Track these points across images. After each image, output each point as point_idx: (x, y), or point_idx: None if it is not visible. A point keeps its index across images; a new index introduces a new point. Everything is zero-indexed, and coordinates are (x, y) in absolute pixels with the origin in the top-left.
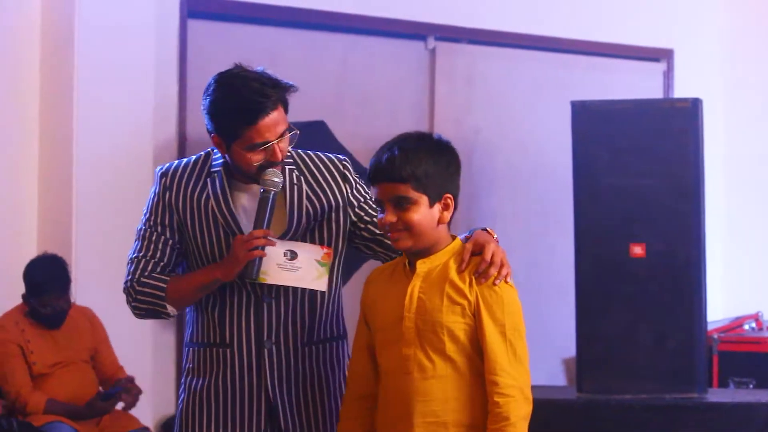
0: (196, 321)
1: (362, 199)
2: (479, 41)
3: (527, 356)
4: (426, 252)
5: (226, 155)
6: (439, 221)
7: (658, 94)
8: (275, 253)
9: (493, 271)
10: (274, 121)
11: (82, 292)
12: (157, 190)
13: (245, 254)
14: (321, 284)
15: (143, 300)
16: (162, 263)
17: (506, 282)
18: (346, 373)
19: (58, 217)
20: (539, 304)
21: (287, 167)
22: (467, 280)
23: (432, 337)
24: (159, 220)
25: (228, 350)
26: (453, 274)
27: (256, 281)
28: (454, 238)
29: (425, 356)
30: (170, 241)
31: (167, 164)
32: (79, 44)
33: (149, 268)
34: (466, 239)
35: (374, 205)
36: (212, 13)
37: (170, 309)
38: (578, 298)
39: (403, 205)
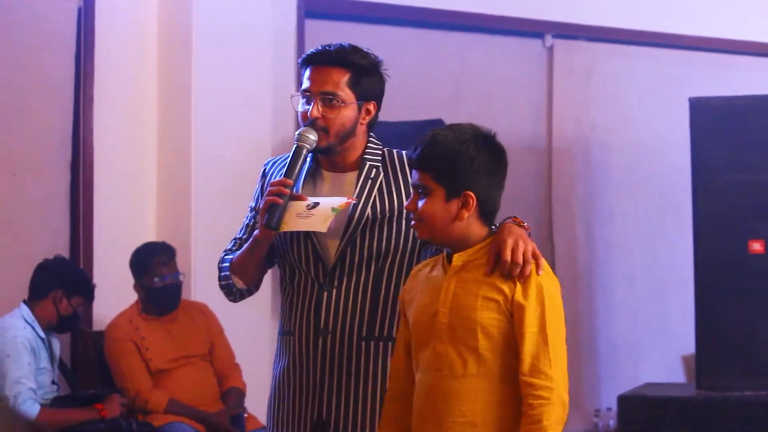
0: (281, 312)
1: None
2: (597, 38)
3: (566, 358)
4: (459, 246)
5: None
6: (457, 218)
7: None
8: (299, 204)
9: (516, 270)
10: (323, 74)
11: (200, 290)
12: (259, 179)
13: (265, 202)
14: (323, 226)
15: (221, 277)
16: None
17: (537, 274)
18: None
19: (176, 217)
20: (658, 300)
21: (369, 163)
22: (497, 275)
23: (465, 333)
24: (255, 205)
25: (291, 338)
26: (484, 274)
27: (277, 230)
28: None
29: (457, 354)
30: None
31: (273, 157)
32: (197, 45)
33: (235, 248)
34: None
35: None
36: (329, 13)
37: (236, 281)
38: (697, 295)
39: (421, 193)
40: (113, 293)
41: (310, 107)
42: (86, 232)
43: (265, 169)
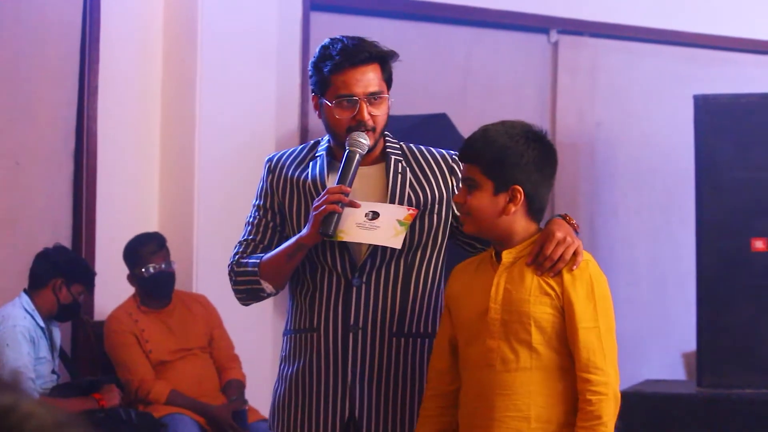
0: (292, 309)
1: None
2: (602, 34)
3: (616, 351)
4: (506, 242)
5: (322, 119)
6: (504, 212)
7: None
8: (357, 213)
9: (547, 264)
10: (363, 75)
11: (202, 281)
12: (263, 176)
13: (321, 210)
14: (396, 242)
15: (241, 281)
16: (262, 245)
17: (570, 271)
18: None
19: (179, 208)
20: (660, 297)
21: (393, 157)
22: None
23: (518, 328)
24: (262, 203)
25: (315, 334)
26: (526, 264)
27: (333, 238)
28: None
29: (509, 348)
30: (271, 224)
31: (276, 152)
32: (202, 37)
33: (249, 250)
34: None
35: None
36: (335, 6)
37: (265, 285)
38: (699, 292)
39: (470, 187)
40: (115, 284)
41: (356, 111)
42: (88, 222)
43: (270, 165)
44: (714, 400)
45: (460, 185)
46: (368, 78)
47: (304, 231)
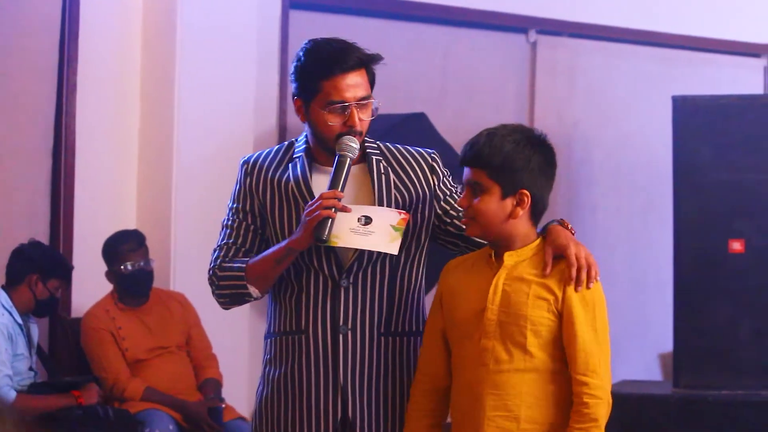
0: (275, 311)
1: (448, 193)
2: (580, 35)
3: (610, 356)
4: (508, 244)
5: (307, 123)
6: (511, 216)
7: (758, 89)
8: (349, 218)
9: (584, 274)
10: (354, 81)
11: (180, 279)
12: (239, 177)
13: (314, 216)
14: (393, 248)
15: (225, 285)
16: (244, 248)
17: (597, 280)
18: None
19: (157, 205)
20: (637, 297)
21: (374, 157)
22: (555, 276)
23: (514, 330)
24: (240, 206)
25: (303, 336)
26: (539, 272)
27: (327, 244)
28: (541, 236)
29: (504, 349)
30: (252, 227)
31: (251, 154)
32: (181, 34)
33: (231, 254)
34: (544, 237)
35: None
36: (314, 4)
37: (252, 290)
38: (676, 293)
39: (476, 191)
40: (92, 281)
41: (347, 117)
42: (66, 219)
43: (247, 168)
44: (690, 401)
45: (463, 189)
46: (357, 83)
47: (296, 235)
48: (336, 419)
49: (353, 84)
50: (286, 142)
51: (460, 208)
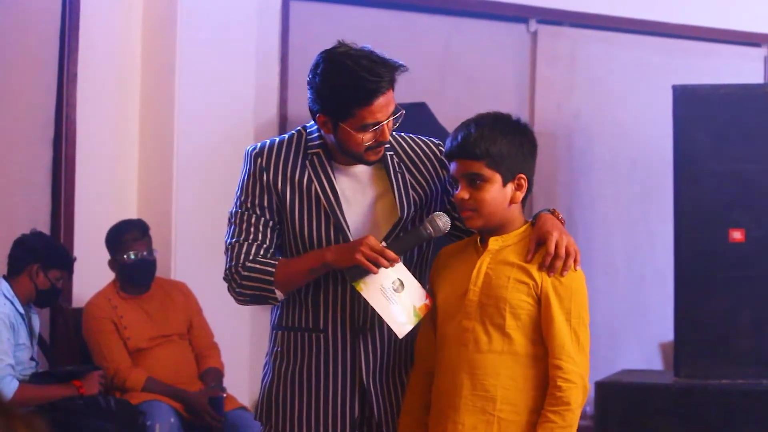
0: (287, 304)
1: None
2: (581, 24)
3: (589, 345)
4: (498, 231)
5: (331, 135)
6: (511, 201)
7: (758, 79)
8: (387, 274)
9: (559, 264)
10: (387, 101)
11: (181, 268)
12: (250, 170)
13: (362, 259)
14: (401, 330)
15: (249, 285)
16: (264, 245)
17: (574, 270)
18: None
19: (157, 195)
20: (638, 288)
21: (387, 153)
22: (537, 262)
23: (493, 311)
24: (257, 202)
25: (321, 335)
26: (522, 257)
27: (352, 284)
28: (528, 222)
29: (483, 330)
30: (270, 222)
31: (258, 144)
32: (181, 25)
33: (253, 251)
34: (533, 223)
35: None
36: None
37: (278, 294)
38: (677, 283)
39: (476, 182)
40: (93, 270)
41: (379, 133)
42: (67, 209)
43: (261, 161)
44: (690, 391)
45: (456, 183)
46: (389, 100)
47: (333, 256)
48: (353, 417)
49: (386, 104)
50: (294, 132)
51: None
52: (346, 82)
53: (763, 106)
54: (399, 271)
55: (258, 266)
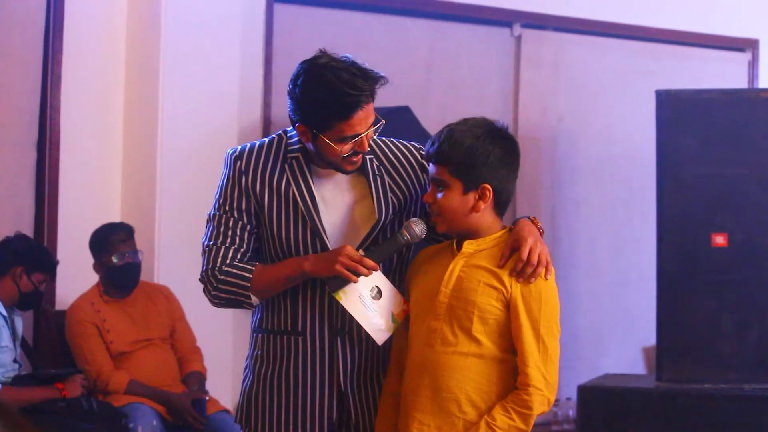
0: (267, 308)
1: None
2: (565, 29)
3: (558, 357)
4: (476, 236)
5: (310, 143)
6: (473, 209)
7: (742, 84)
8: (365, 282)
9: (529, 270)
10: (366, 114)
11: (164, 271)
12: (230, 173)
13: (341, 269)
14: (380, 337)
15: (225, 290)
16: (242, 250)
17: (545, 279)
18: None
19: (141, 198)
20: (621, 291)
21: (367, 156)
22: (510, 268)
23: (461, 314)
24: (235, 205)
25: (300, 338)
26: (495, 263)
27: (332, 294)
28: (505, 228)
29: (451, 332)
30: (248, 226)
31: (238, 147)
32: (165, 27)
33: (230, 255)
34: (511, 230)
35: None
36: None
37: (254, 300)
38: (660, 287)
39: (440, 187)
40: (77, 273)
41: (357, 143)
42: (51, 211)
43: (240, 165)
44: (673, 395)
45: (429, 185)
46: (368, 113)
47: (311, 265)
48: (332, 420)
49: (365, 116)
50: (274, 136)
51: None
52: (326, 96)
53: (746, 111)
54: (376, 278)
55: (235, 271)
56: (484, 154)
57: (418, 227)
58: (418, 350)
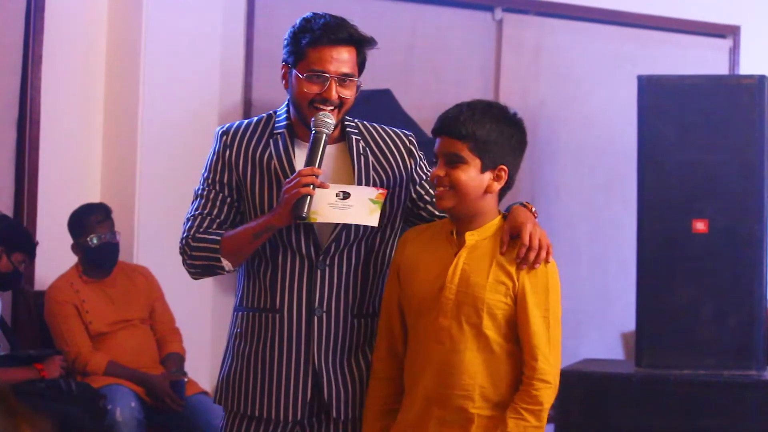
0: (247, 286)
1: (424, 177)
2: (547, 13)
3: (560, 341)
4: (470, 220)
5: (288, 89)
6: (487, 190)
7: (723, 70)
8: (327, 194)
9: (532, 256)
10: (339, 55)
11: (143, 251)
12: (216, 149)
13: (291, 191)
14: (373, 220)
15: (198, 256)
16: (218, 220)
17: (547, 262)
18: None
19: (121, 178)
20: (600, 277)
21: (353, 137)
22: (512, 258)
23: (470, 311)
24: (218, 178)
25: (277, 315)
26: (498, 252)
27: (306, 221)
28: (500, 214)
29: (459, 329)
30: (228, 199)
31: (228, 124)
32: (147, 7)
33: (205, 224)
34: (505, 216)
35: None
36: None
37: (225, 263)
38: (639, 273)
39: (454, 162)
40: (56, 253)
41: (325, 87)
42: (30, 191)
43: (226, 139)
44: (652, 381)
45: (436, 159)
46: (343, 58)
47: (275, 212)
48: (305, 399)
49: (338, 58)
50: (265, 114)
51: (433, 193)
52: (307, 25)
53: (728, 97)
54: (336, 187)
55: (207, 236)
56: (507, 136)
57: (323, 114)
58: (427, 347)
